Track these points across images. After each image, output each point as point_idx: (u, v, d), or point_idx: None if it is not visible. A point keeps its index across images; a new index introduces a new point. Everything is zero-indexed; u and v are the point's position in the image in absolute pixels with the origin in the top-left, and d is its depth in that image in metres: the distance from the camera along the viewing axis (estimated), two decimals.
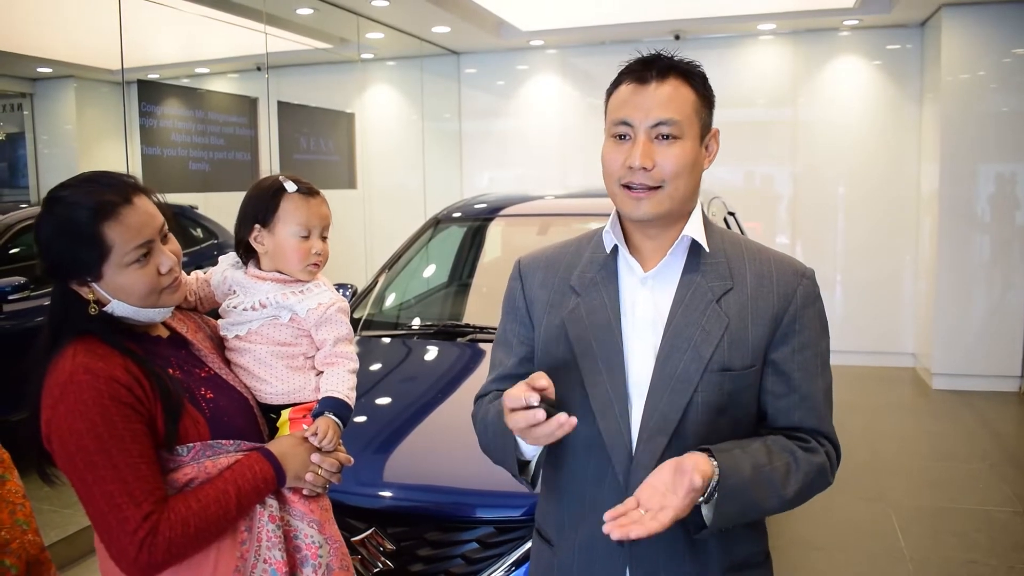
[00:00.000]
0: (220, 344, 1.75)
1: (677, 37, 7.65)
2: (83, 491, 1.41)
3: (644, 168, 1.42)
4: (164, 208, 1.58)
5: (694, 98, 1.46)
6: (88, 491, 1.40)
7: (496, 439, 1.51)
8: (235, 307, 1.73)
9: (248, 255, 1.78)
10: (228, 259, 1.82)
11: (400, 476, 2.50)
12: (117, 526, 1.38)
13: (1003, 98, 6.49)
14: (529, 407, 1.29)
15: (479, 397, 1.67)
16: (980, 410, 6.16)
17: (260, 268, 1.77)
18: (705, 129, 1.49)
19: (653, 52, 1.50)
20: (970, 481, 4.80)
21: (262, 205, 1.74)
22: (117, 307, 1.51)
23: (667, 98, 1.43)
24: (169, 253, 1.54)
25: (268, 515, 1.55)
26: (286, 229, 1.72)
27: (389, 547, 2.28)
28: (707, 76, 1.52)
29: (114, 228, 1.45)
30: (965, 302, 6.68)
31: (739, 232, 5.09)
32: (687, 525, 1.38)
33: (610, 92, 1.52)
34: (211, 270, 1.82)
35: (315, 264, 1.74)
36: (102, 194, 1.47)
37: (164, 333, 1.64)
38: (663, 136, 1.43)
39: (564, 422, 1.28)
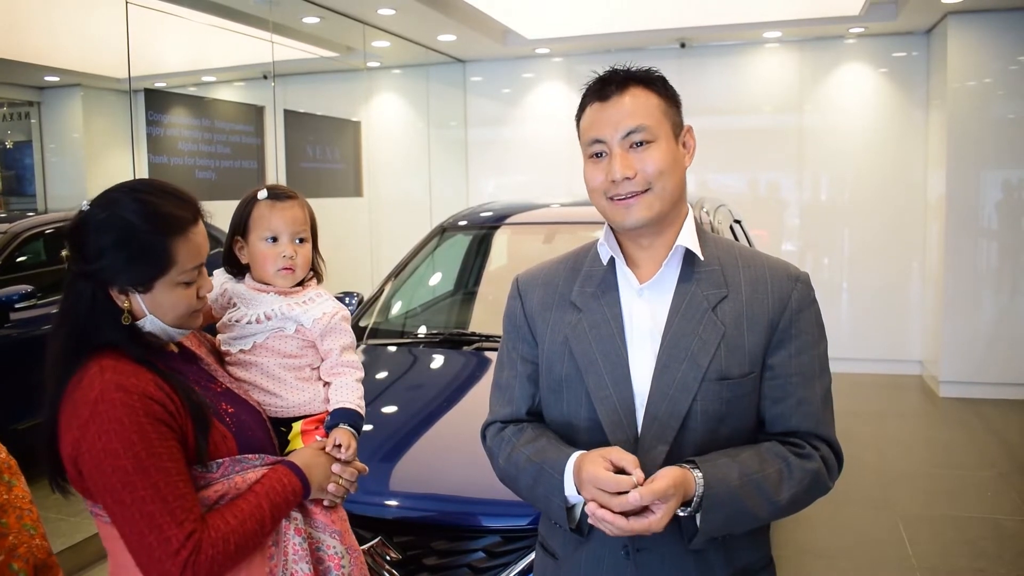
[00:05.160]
0: (221, 359, 1.74)
1: (683, 45, 7.66)
2: (120, 512, 1.37)
3: (627, 178, 1.45)
4: (209, 230, 1.59)
5: (658, 101, 1.50)
6: (126, 512, 1.36)
7: (537, 488, 1.49)
8: (237, 320, 1.72)
9: (237, 269, 1.79)
10: (223, 273, 1.82)
11: (406, 485, 2.50)
12: (159, 547, 1.34)
13: (1009, 105, 6.48)
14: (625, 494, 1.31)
15: (489, 424, 1.65)
16: (988, 418, 6.13)
17: (254, 280, 1.77)
18: (677, 128, 1.52)
19: (609, 69, 1.54)
20: (978, 489, 4.77)
21: (238, 215, 1.76)
22: (149, 322, 1.48)
23: (632, 107, 1.47)
24: (208, 278, 1.55)
25: (294, 528, 1.55)
26: (255, 235, 1.74)
27: (396, 556, 2.27)
28: (666, 79, 1.55)
29: (182, 245, 1.45)
30: (972, 309, 6.66)
31: (746, 240, 5.11)
32: (685, 535, 1.42)
33: (578, 117, 1.56)
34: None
35: (287, 268, 1.73)
36: (172, 207, 1.46)
37: (175, 348, 1.62)
38: (637, 143, 1.46)
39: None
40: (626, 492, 1.30)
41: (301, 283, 1.77)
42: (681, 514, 1.37)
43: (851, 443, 5.50)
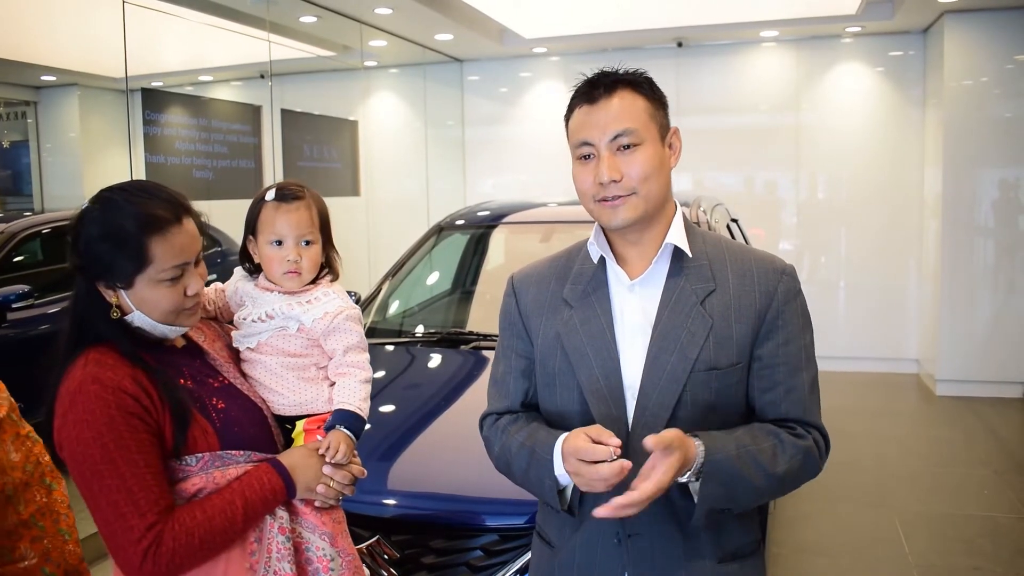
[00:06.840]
0: (237, 354, 1.76)
1: (680, 44, 7.67)
2: (90, 500, 1.43)
3: (614, 181, 1.49)
4: (204, 232, 1.61)
5: (645, 103, 1.53)
6: (95, 500, 1.42)
7: (530, 471, 1.54)
8: (245, 319, 1.74)
9: (254, 266, 1.80)
10: (241, 270, 1.83)
11: (404, 484, 2.50)
12: (122, 535, 1.40)
13: (1006, 104, 6.49)
14: (606, 460, 1.35)
15: (486, 416, 1.71)
16: (984, 416, 6.15)
17: (266, 279, 1.78)
18: (663, 130, 1.55)
19: (598, 71, 1.57)
20: (975, 487, 4.78)
21: (249, 215, 1.77)
22: (137, 318, 1.53)
23: (619, 110, 1.50)
24: (199, 277, 1.56)
25: (278, 527, 1.56)
26: (262, 238, 1.74)
27: (394, 555, 2.28)
28: (653, 80, 1.57)
29: (159, 244, 1.48)
30: (969, 308, 6.67)
31: (743, 239, 5.11)
32: (680, 517, 1.48)
33: (567, 118, 1.59)
34: (229, 281, 1.84)
35: (292, 272, 1.73)
36: (155, 208, 1.50)
37: (180, 343, 1.65)
38: (624, 146, 1.50)
39: (624, 467, 1.34)
40: (602, 461, 1.34)
41: (314, 280, 1.78)
42: (681, 480, 1.41)
43: (848, 441, 5.51)
